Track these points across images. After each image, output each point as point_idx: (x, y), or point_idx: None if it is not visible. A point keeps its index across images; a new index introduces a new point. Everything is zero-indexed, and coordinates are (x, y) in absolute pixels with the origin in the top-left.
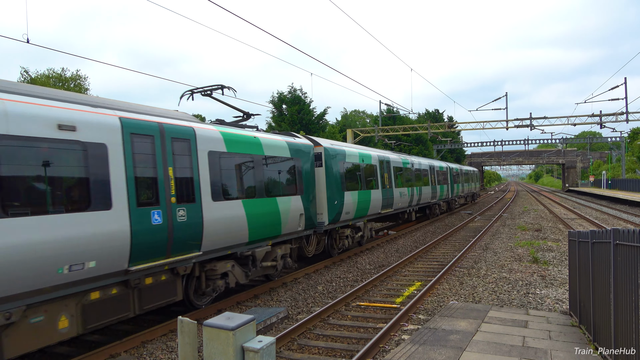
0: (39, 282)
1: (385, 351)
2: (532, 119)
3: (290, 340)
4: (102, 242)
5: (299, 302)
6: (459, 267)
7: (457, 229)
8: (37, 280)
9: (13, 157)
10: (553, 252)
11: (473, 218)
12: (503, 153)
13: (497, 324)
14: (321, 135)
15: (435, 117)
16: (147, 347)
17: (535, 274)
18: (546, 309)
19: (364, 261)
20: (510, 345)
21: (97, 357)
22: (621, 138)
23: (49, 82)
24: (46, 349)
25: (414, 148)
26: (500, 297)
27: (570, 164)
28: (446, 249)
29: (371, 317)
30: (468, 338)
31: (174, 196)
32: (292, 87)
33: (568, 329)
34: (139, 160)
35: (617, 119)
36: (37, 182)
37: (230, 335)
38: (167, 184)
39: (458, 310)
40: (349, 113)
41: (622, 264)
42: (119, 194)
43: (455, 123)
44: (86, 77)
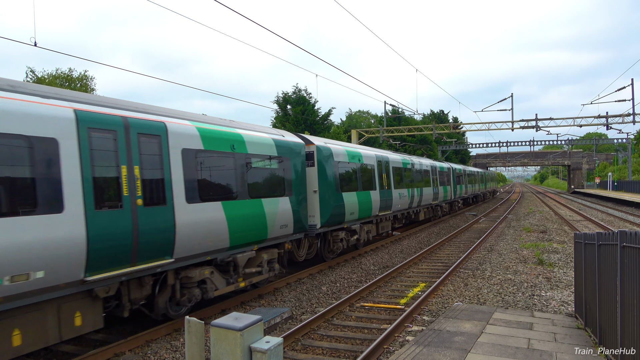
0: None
1: (389, 352)
2: (538, 120)
3: (294, 341)
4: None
5: (303, 302)
6: (464, 268)
7: (461, 230)
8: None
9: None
10: (558, 254)
11: (478, 219)
12: (508, 154)
13: (502, 325)
14: (326, 136)
15: (440, 118)
16: (151, 346)
17: (540, 275)
18: (551, 311)
19: (368, 262)
20: (515, 348)
21: (102, 355)
22: (627, 139)
23: (56, 82)
24: (51, 347)
25: (419, 149)
26: (505, 299)
27: (575, 166)
28: (451, 250)
29: (375, 318)
30: (473, 340)
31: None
32: (296, 87)
33: (574, 332)
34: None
35: (623, 120)
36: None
37: (237, 336)
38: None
39: (463, 312)
40: (353, 114)
41: (629, 266)
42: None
43: (460, 124)
44: (93, 78)
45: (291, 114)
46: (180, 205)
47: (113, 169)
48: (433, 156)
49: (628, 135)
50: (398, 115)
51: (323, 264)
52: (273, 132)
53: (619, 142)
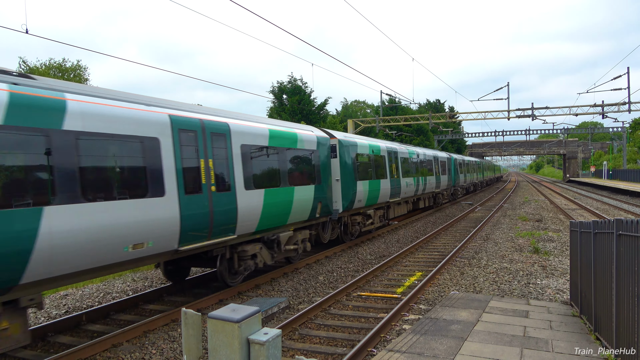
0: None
1: (386, 341)
2: (534, 109)
3: (291, 330)
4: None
5: (300, 292)
6: (460, 257)
7: (457, 219)
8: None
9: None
10: (554, 243)
11: (474, 208)
12: (504, 143)
13: (498, 314)
14: (322, 126)
15: (437, 108)
16: (149, 336)
17: (536, 264)
18: (547, 299)
19: (364, 251)
20: (511, 335)
21: (99, 346)
22: (623, 128)
23: (49, 72)
24: (48, 338)
25: (415, 138)
26: (501, 287)
27: (571, 155)
28: (447, 239)
29: (372, 307)
30: (469, 328)
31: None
32: (292, 76)
33: (569, 319)
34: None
35: (619, 109)
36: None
37: (235, 328)
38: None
39: (459, 301)
40: (349, 103)
41: (625, 254)
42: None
43: (456, 113)
44: (86, 68)
45: (287, 104)
46: (240, 192)
47: (195, 161)
48: (429, 146)
49: (623, 124)
50: (394, 104)
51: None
52: (305, 128)
53: (614, 131)
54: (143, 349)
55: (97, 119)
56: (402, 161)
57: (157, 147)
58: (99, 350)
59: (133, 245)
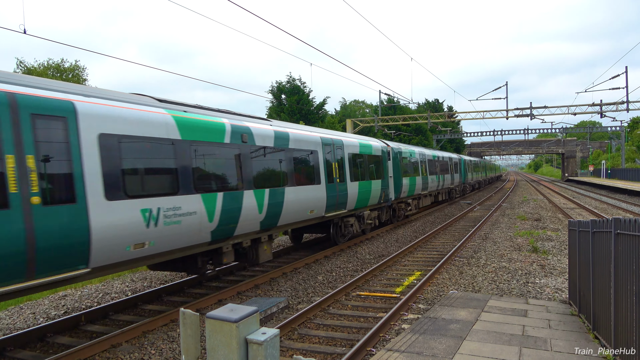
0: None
1: (385, 340)
2: (533, 108)
3: (290, 330)
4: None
5: (299, 291)
6: (459, 256)
7: (456, 218)
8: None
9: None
10: (552, 242)
11: (472, 208)
12: (503, 143)
13: (497, 313)
14: (320, 126)
15: (435, 107)
16: (148, 337)
17: (534, 263)
18: (546, 298)
19: (363, 251)
20: (510, 334)
21: (98, 347)
22: (621, 127)
23: (47, 73)
24: (47, 339)
25: (414, 138)
26: (499, 287)
27: (569, 154)
28: (446, 238)
29: (371, 307)
30: (468, 327)
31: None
32: (290, 76)
33: (568, 318)
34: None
35: (617, 108)
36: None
37: (233, 328)
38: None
39: (458, 300)
40: (348, 103)
41: (623, 253)
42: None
43: (455, 113)
44: (84, 68)
45: (286, 104)
46: (349, 183)
47: (331, 164)
48: (428, 145)
49: (622, 123)
50: (393, 104)
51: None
52: (370, 140)
53: (612, 130)
54: (142, 349)
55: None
56: (429, 163)
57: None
58: (98, 351)
59: (310, 211)
